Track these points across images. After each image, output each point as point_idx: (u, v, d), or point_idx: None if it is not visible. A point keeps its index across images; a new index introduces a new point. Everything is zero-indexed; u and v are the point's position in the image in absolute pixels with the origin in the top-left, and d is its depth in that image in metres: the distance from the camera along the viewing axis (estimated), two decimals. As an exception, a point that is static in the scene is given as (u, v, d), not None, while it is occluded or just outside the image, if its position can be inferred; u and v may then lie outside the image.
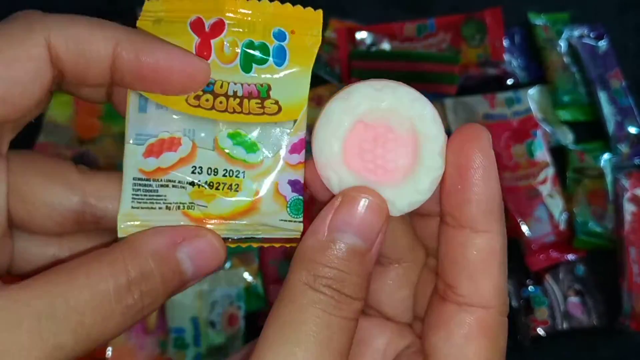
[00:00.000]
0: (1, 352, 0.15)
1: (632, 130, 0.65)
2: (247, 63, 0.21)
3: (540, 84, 0.68)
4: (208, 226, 0.20)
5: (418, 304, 0.22)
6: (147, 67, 0.18)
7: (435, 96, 0.67)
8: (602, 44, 0.69)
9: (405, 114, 0.19)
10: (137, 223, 0.20)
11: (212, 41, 0.20)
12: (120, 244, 0.18)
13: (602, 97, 0.66)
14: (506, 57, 0.68)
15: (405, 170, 0.20)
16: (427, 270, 0.22)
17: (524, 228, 0.61)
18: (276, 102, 0.21)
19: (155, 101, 0.20)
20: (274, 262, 0.61)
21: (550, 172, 0.63)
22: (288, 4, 0.21)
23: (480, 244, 0.19)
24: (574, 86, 0.67)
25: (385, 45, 0.68)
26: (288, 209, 0.21)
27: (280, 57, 0.21)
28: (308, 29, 0.21)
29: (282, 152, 0.21)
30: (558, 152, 0.65)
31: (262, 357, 0.17)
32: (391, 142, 0.20)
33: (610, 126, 0.65)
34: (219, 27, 0.20)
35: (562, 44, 0.69)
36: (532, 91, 0.67)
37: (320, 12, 0.21)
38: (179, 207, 0.20)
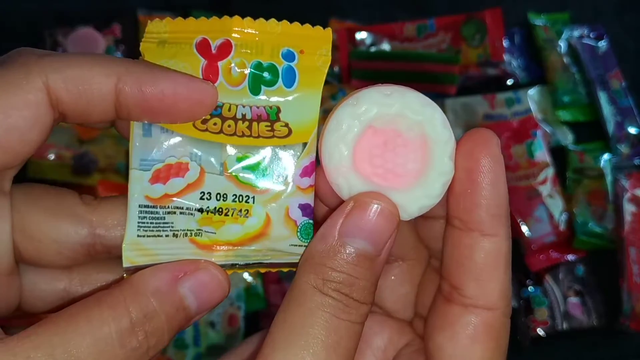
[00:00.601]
0: None
1: (632, 130, 0.65)
2: (256, 85, 0.20)
3: (540, 84, 0.68)
4: (216, 253, 0.20)
5: (420, 302, 0.22)
6: (152, 99, 0.18)
7: (435, 96, 0.67)
8: (602, 44, 0.69)
9: (414, 118, 0.19)
10: (142, 252, 0.19)
11: (220, 63, 0.20)
12: (120, 285, 0.18)
13: (602, 97, 0.66)
14: (506, 57, 0.68)
15: (415, 174, 0.20)
16: (430, 270, 0.22)
17: (524, 228, 0.61)
18: (286, 125, 0.20)
19: (160, 125, 0.19)
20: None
21: (550, 172, 0.63)
22: (296, 23, 0.21)
23: (487, 247, 0.19)
24: (574, 86, 0.67)
25: (385, 46, 0.68)
26: (298, 234, 0.21)
27: (290, 79, 0.20)
28: (317, 48, 0.21)
29: (293, 176, 0.20)
30: (558, 153, 0.65)
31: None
32: (401, 147, 0.20)
33: (610, 126, 0.65)
34: (226, 48, 0.20)
35: (562, 44, 0.69)
36: (532, 91, 0.67)
37: (329, 30, 0.21)
38: (186, 235, 0.20)
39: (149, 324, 0.17)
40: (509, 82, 0.68)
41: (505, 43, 0.68)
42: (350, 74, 0.67)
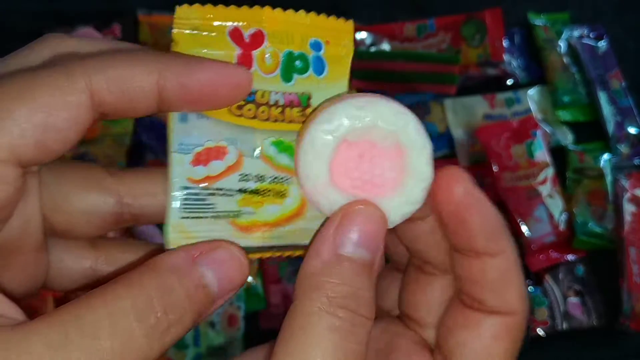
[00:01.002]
0: None
1: (632, 130, 0.65)
2: (288, 73, 0.21)
3: (540, 84, 0.68)
4: (254, 234, 0.20)
5: (407, 301, 0.23)
6: (192, 91, 0.18)
7: (435, 96, 0.67)
8: (602, 44, 0.69)
9: (388, 128, 0.20)
10: (185, 234, 0.19)
11: (254, 52, 0.20)
12: (138, 267, 0.18)
13: (602, 97, 0.66)
14: (506, 57, 0.68)
15: (394, 182, 0.20)
16: (413, 269, 0.23)
17: (524, 228, 0.61)
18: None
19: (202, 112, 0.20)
20: (273, 262, 0.61)
21: (550, 172, 0.63)
22: (322, 15, 0.22)
23: (498, 264, 0.19)
24: (574, 86, 0.67)
25: (385, 46, 0.68)
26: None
27: (319, 67, 0.21)
28: (341, 40, 0.22)
29: None
30: (558, 153, 0.65)
31: None
32: (377, 157, 0.20)
33: (610, 126, 0.65)
34: (258, 37, 0.20)
35: (562, 44, 0.69)
36: (532, 91, 0.67)
37: (351, 22, 0.22)
38: (227, 216, 0.20)
39: (167, 300, 0.17)
40: (509, 82, 0.68)
41: (505, 43, 0.68)
42: (350, 73, 0.67)
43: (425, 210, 0.20)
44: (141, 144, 0.62)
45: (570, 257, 0.61)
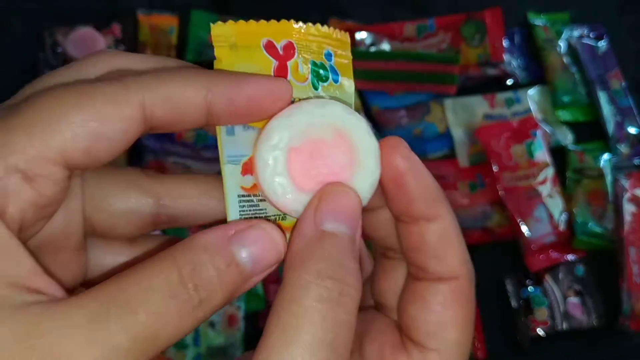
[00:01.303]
0: (57, 358, 0.15)
1: (632, 130, 0.65)
2: (315, 81, 0.22)
3: (540, 84, 0.68)
4: None
5: (375, 287, 0.24)
6: (239, 105, 0.19)
7: (435, 96, 0.67)
8: (602, 44, 0.69)
9: (340, 126, 0.21)
10: None
11: (288, 63, 0.22)
12: (171, 246, 0.18)
13: (602, 97, 0.66)
14: (506, 57, 0.68)
15: (350, 163, 0.21)
16: (378, 256, 0.24)
17: (524, 228, 0.60)
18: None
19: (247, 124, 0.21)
20: (273, 262, 0.61)
21: (550, 172, 0.62)
22: (330, 28, 0.23)
23: (435, 229, 0.21)
24: (574, 86, 0.67)
25: (385, 46, 0.68)
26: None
27: (335, 74, 0.23)
28: (342, 50, 0.24)
29: None
30: (558, 153, 0.65)
31: None
32: (324, 150, 0.21)
33: (610, 126, 0.65)
34: (290, 49, 0.22)
35: (562, 44, 0.69)
36: (532, 91, 0.67)
37: (347, 35, 0.23)
38: (275, 219, 0.21)
39: (199, 276, 0.17)
40: (509, 82, 0.68)
41: (505, 43, 0.68)
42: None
43: (381, 199, 0.21)
44: (141, 145, 0.62)
45: (570, 257, 0.61)
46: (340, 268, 0.19)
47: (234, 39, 0.21)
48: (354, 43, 0.68)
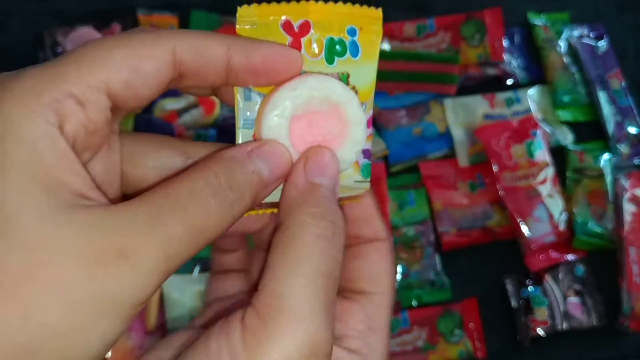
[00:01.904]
0: (125, 250, 0.18)
1: (632, 130, 0.65)
2: (331, 56, 0.25)
3: (540, 84, 0.68)
4: None
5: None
6: (256, 64, 0.22)
7: (435, 96, 0.67)
8: (602, 44, 0.69)
9: (319, 95, 0.24)
10: None
11: (302, 39, 0.24)
12: (204, 159, 0.22)
13: (602, 97, 0.66)
14: (506, 57, 0.68)
15: (340, 134, 0.25)
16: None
17: (524, 228, 0.61)
18: (354, 87, 0.26)
19: (258, 91, 0.24)
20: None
21: (550, 172, 0.63)
22: (356, 5, 0.25)
23: (364, 207, 0.28)
24: (574, 86, 0.67)
25: (385, 45, 0.68)
26: (361, 172, 0.26)
27: (355, 50, 0.26)
28: (372, 26, 0.26)
29: None
30: (558, 152, 0.65)
31: (273, 291, 0.20)
32: (322, 121, 0.25)
33: (610, 126, 0.65)
34: (305, 27, 0.25)
35: (562, 44, 0.69)
36: (532, 91, 0.67)
37: (380, 10, 0.26)
38: None
39: (232, 180, 0.21)
40: (509, 82, 0.68)
41: (505, 43, 0.68)
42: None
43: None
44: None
45: (570, 257, 0.61)
46: (331, 212, 0.22)
47: (256, 19, 0.24)
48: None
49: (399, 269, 0.62)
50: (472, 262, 0.63)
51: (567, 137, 0.66)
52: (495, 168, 0.62)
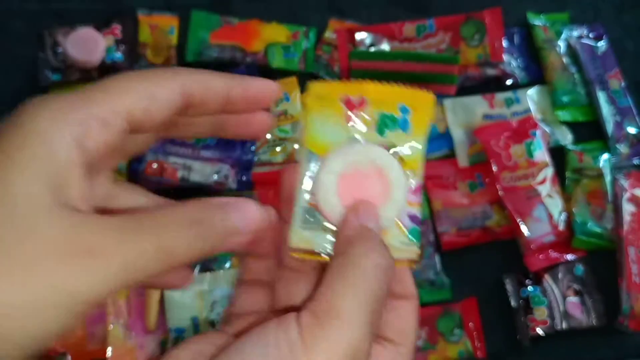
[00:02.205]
0: (95, 250, 0.21)
1: (631, 130, 0.66)
2: (381, 128, 0.29)
3: (539, 84, 0.68)
4: None
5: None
6: (251, 94, 0.27)
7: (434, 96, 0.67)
8: (601, 44, 0.69)
9: (379, 164, 0.29)
10: (301, 237, 0.28)
11: (357, 112, 0.29)
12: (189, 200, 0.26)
13: (601, 97, 0.66)
14: (505, 57, 0.68)
15: (382, 195, 0.29)
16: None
17: (523, 228, 0.61)
18: (401, 158, 0.29)
19: (317, 154, 0.29)
20: (273, 262, 0.61)
21: (549, 172, 0.63)
22: (410, 87, 0.29)
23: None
24: (573, 86, 0.67)
25: (385, 46, 0.68)
26: (407, 234, 0.29)
27: (405, 125, 0.29)
28: (425, 108, 0.30)
29: (406, 193, 0.30)
30: (557, 153, 0.65)
31: (330, 300, 0.24)
32: (370, 182, 0.29)
33: (609, 126, 0.65)
34: (362, 103, 0.29)
35: (561, 45, 0.69)
36: (531, 91, 0.68)
37: (431, 94, 0.29)
38: (333, 230, 0.28)
39: (209, 220, 0.24)
40: (509, 82, 0.68)
41: (504, 43, 0.68)
42: (350, 73, 0.67)
43: None
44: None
45: (569, 256, 0.62)
46: (385, 250, 0.26)
47: (322, 93, 0.29)
48: (354, 43, 0.68)
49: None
50: (471, 262, 0.63)
51: (566, 137, 0.66)
52: (494, 168, 0.62)
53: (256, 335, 0.24)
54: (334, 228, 0.29)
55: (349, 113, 0.29)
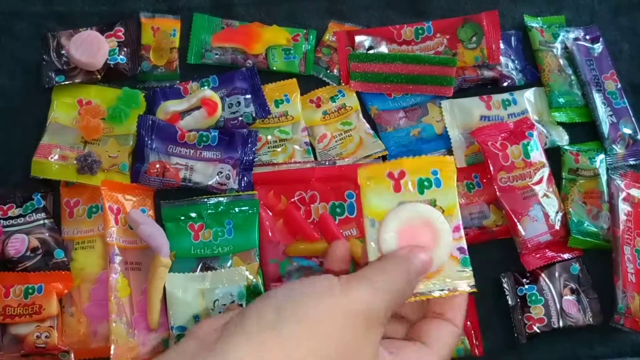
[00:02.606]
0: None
1: (627, 131, 0.66)
2: (421, 189, 0.40)
3: (536, 86, 0.69)
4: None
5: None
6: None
7: (432, 98, 0.68)
8: (597, 46, 0.70)
9: (427, 218, 0.39)
10: None
11: (401, 181, 0.40)
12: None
13: (597, 98, 0.67)
14: (502, 59, 0.69)
15: (431, 243, 0.39)
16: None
17: (520, 227, 0.61)
18: (440, 207, 0.40)
19: (377, 219, 0.40)
20: (274, 260, 0.62)
21: (545, 172, 0.63)
22: (437, 155, 0.44)
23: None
24: (569, 88, 0.68)
25: (384, 48, 0.69)
26: (460, 263, 0.40)
27: (438, 183, 0.40)
28: (449, 169, 0.40)
29: (450, 233, 0.40)
30: (553, 153, 0.66)
31: (365, 272, 0.36)
32: (422, 232, 0.39)
33: (605, 127, 0.66)
34: (402, 174, 0.40)
35: (558, 47, 0.70)
36: (528, 93, 0.68)
37: (452, 158, 0.41)
38: None
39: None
40: (505, 83, 0.69)
41: (501, 45, 0.69)
42: (349, 76, 0.68)
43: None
44: (145, 145, 0.63)
45: (565, 255, 0.62)
46: (425, 266, 0.38)
47: (370, 174, 0.40)
48: (353, 45, 0.69)
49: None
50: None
51: (562, 138, 0.66)
52: (491, 168, 0.63)
53: (305, 283, 0.34)
54: None
55: (395, 184, 0.40)
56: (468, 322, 0.61)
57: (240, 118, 0.65)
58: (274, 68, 0.68)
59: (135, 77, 0.68)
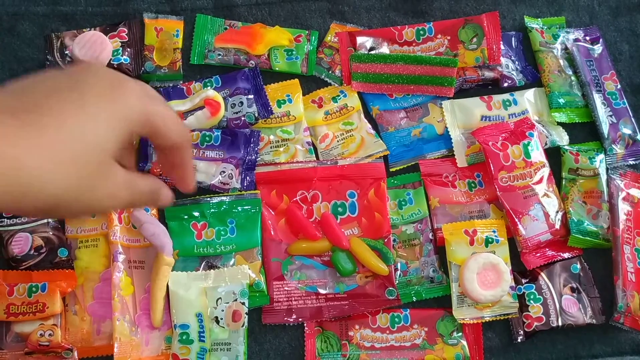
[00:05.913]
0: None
1: (626, 131, 0.67)
2: (487, 244, 0.60)
3: (536, 86, 0.69)
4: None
5: None
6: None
7: (433, 98, 0.69)
8: (597, 47, 0.70)
9: (494, 262, 0.59)
10: (460, 314, 0.61)
11: (475, 237, 0.57)
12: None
13: (597, 99, 0.67)
14: (503, 60, 0.70)
15: (497, 281, 0.59)
16: None
17: (520, 227, 0.62)
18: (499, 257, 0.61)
19: (457, 263, 0.57)
20: (276, 259, 0.62)
21: (546, 172, 0.64)
22: (495, 219, 0.56)
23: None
24: (569, 88, 0.69)
25: (385, 49, 0.70)
26: (512, 297, 0.59)
27: (497, 240, 0.62)
28: (502, 229, 0.60)
29: None
30: (553, 153, 0.66)
31: None
32: (491, 272, 0.59)
33: (605, 127, 0.66)
34: (475, 232, 0.60)
35: (558, 47, 0.70)
36: (528, 93, 0.69)
37: (502, 221, 0.61)
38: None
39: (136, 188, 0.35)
40: (506, 84, 0.69)
41: (502, 46, 0.70)
42: (351, 76, 0.69)
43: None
44: (148, 145, 0.64)
45: (565, 255, 0.62)
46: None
47: (451, 230, 0.60)
48: (355, 46, 0.70)
49: (399, 266, 0.63)
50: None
51: (562, 138, 0.67)
52: (492, 168, 0.63)
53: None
54: (476, 303, 0.59)
55: (469, 239, 0.60)
56: (468, 328, 0.61)
57: (242, 118, 0.65)
58: (277, 68, 0.69)
59: (138, 77, 0.69)
